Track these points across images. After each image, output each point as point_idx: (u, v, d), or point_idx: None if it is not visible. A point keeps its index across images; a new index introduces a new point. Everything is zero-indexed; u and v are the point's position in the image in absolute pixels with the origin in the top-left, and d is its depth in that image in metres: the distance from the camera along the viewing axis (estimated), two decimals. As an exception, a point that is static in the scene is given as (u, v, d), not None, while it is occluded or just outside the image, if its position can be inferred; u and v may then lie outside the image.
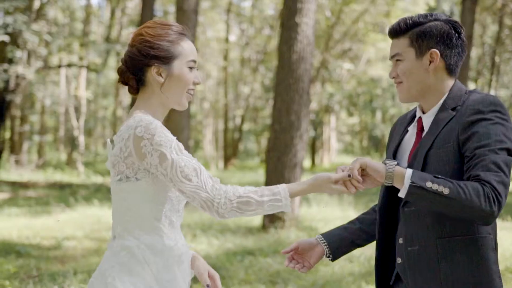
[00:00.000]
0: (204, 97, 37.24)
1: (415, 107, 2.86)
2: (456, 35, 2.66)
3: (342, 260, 8.32)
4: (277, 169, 10.44)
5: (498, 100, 2.54)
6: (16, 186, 20.33)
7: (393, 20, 25.23)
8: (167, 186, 2.54)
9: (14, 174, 24.68)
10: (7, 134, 30.63)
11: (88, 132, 38.53)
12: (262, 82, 32.41)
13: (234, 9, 32.98)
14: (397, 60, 2.70)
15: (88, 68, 26.08)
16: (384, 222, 2.80)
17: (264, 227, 10.76)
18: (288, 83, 10.43)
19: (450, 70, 2.68)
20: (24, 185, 20.60)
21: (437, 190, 2.38)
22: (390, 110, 38.73)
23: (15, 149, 28.97)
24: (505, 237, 9.67)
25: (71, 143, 30.09)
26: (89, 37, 29.85)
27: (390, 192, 2.76)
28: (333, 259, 2.97)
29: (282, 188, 2.51)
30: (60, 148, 38.18)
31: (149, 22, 2.61)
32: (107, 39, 29.86)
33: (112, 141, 2.62)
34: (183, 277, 2.64)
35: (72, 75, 31.25)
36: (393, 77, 2.73)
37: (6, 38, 19.13)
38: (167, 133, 2.47)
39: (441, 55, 2.64)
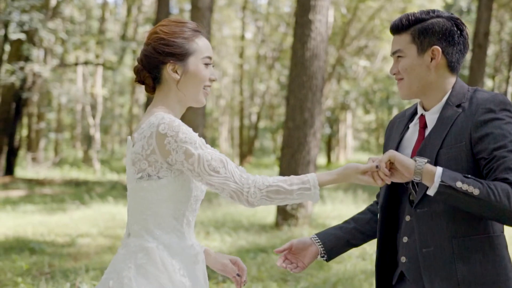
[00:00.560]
0: (220, 95, 37.31)
1: (414, 105, 2.83)
2: (458, 32, 2.64)
3: (354, 258, 8.30)
4: (291, 166, 10.41)
5: (507, 99, 2.53)
6: (32, 183, 20.47)
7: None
8: (188, 185, 2.55)
9: (30, 171, 24.86)
10: (24, 132, 30.86)
11: (105, 130, 38.69)
12: (278, 80, 32.35)
13: (249, 6, 32.97)
14: (399, 56, 2.67)
15: (104, 66, 26.18)
16: (386, 221, 2.77)
17: (277, 225, 10.74)
18: (301, 81, 10.40)
19: (451, 68, 2.66)
20: (41, 183, 20.74)
21: (467, 190, 2.36)
22: (407, 107, 38.53)
23: (32, 146, 29.18)
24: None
25: (87, 140, 30.24)
26: (105, 35, 29.95)
27: (391, 190, 2.74)
28: (328, 259, 2.93)
29: (311, 176, 2.50)
30: (77, 145, 38.39)
31: (164, 20, 2.62)
32: (123, 37, 29.97)
33: (132, 138, 2.61)
34: (202, 277, 2.63)
35: (89, 73, 31.40)
36: (394, 74, 2.70)
37: (22, 36, 19.26)
38: (190, 130, 2.48)
39: (443, 52, 2.62)
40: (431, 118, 2.66)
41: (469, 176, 2.41)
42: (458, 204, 2.42)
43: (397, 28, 2.67)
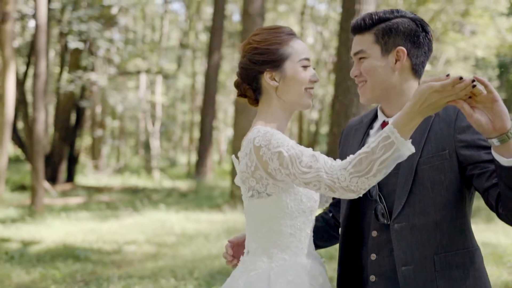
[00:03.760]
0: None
1: (371, 110, 2.68)
2: (423, 33, 2.48)
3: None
4: (336, 173, 10.23)
5: None
6: (91, 190, 20.83)
7: (472, 19, 24.49)
8: (299, 198, 2.48)
9: (92, 179, 25.32)
10: (89, 140, 31.52)
11: (167, 137, 39.09)
12: (338, 85, 32.13)
13: (309, 11, 32.88)
14: (361, 58, 2.52)
15: (161, 73, 26.46)
16: (348, 235, 2.61)
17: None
18: (346, 86, 10.23)
19: (415, 71, 2.50)
20: (100, 190, 21.09)
21: None
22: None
23: (95, 154, 29.78)
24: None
25: (147, 148, 30.63)
26: (164, 43, 30.29)
27: (353, 200, 2.57)
28: None
29: (386, 127, 2.23)
30: (140, 153, 38.96)
31: (257, 29, 2.58)
32: (181, 45, 30.26)
33: (237, 157, 2.58)
34: None
35: (149, 81, 31.84)
36: (356, 76, 2.54)
37: (80, 46, 19.67)
38: (284, 136, 2.40)
39: (408, 53, 2.46)
40: None
41: None
42: None
43: (360, 28, 2.51)
